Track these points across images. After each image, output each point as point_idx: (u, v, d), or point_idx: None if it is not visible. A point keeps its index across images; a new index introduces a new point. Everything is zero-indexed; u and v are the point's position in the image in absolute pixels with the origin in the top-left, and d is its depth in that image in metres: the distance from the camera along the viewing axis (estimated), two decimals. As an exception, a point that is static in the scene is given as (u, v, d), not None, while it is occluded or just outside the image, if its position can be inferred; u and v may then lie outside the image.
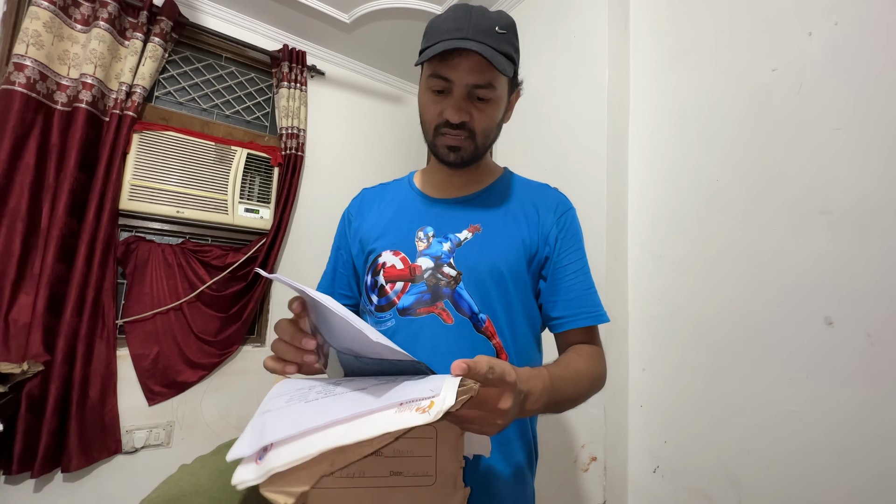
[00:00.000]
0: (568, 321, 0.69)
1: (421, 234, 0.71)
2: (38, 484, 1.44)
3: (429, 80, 0.65)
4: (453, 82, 0.63)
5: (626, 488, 1.22)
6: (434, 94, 0.66)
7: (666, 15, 1.30)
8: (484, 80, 0.63)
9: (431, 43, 0.62)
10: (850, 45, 0.91)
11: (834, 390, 0.86)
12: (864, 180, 0.86)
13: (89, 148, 1.53)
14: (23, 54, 1.39)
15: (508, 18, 0.65)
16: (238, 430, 1.86)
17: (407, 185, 0.81)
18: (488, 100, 0.65)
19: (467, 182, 0.76)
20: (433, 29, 0.65)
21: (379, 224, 0.76)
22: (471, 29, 0.61)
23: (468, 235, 0.69)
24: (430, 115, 0.68)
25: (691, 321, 1.13)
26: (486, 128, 0.67)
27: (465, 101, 0.65)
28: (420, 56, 0.64)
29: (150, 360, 1.65)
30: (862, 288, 0.84)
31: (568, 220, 0.73)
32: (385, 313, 0.69)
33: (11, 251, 1.37)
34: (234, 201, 1.85)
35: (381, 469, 0.42)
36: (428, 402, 0.37)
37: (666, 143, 1.25)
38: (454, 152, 0.68)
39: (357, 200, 0.86)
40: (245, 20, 1.99)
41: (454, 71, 0.62)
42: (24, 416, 1.35)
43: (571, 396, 0.60)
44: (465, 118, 0.65)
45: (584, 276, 0.71)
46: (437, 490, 0.43)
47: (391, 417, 0.36)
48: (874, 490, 0.80)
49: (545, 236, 0.70)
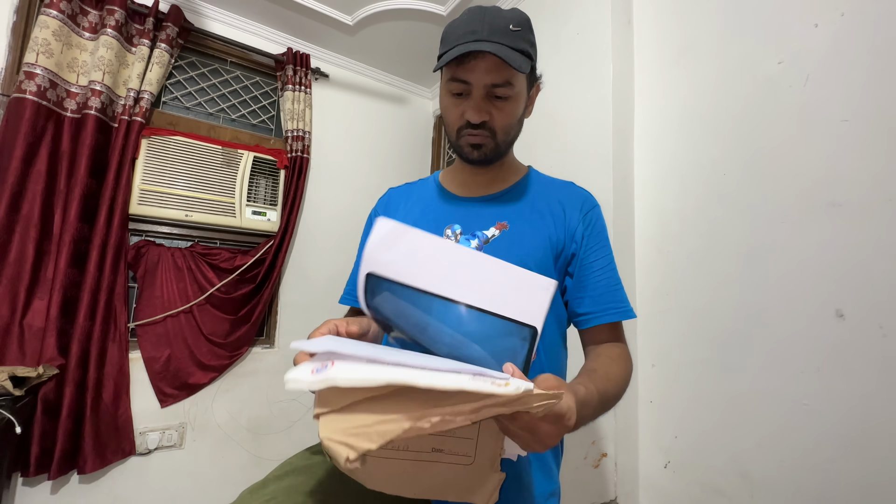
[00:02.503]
0: (595, 317, 0.69)
1: (448, 231, 0.72)
2: (55, 486, 1.47)
3: (448, 84, 0.67)
4: (472, 84, 0.65)
5: (638, 484, 1.22)
6: (454, 97, 0.68)
7: (669, 9, 1.30)
8: (501, 79, 0.64)
9: (448, 48, 0.64)
10: (857, 35, 0.90)
11: (846, 383, 0.86)
12: (873, 171, 0.86)
13: (99, 154, 1.55)
14: (33, 63, 1.41)
15: (522, 15, 0.66)
16: (249, 431, 1.88)
17: (433, 183, 0.83)
18: (507, 98, 0.66)
19: (493, 180, 0.77)
20: (449, 34, 0.66)
21: (406, 222, 0.77)
22: (485, 30, 0.62)
23: (495, 233, 0.70)
24: (452, 117, 0.69)
25: (700, 316, 1.13)
26: (506, 125, 0.68)
27: (484, 101, 0.66)
28: (438, 62, 0.65)
29: (161, 362, 1.67)
30: (873, 280, 0.84)
31: (594, 217, 0.73)
32: None
33: (25, 257, 1.39)
34: (241, 204, 1.87)
35: (424, 445, 0.43)
36: (504, 381, 0.36)
37: (672, 138, 1.25)
38: (477, 150, 0.69)
39: (384, 200, 0.87)
40: (249, 24, 2.00)
41: (472, 73, 0.64)
42: (40, 418, 1.37)
43: (609, 408, 0.60)
44: (486, 118, 0.66)
45: (611, 272, 0.71)
46: (474, 470, 0.44)
47: (468, 380, 0.35)
48: (887, 483, 0.79)
49: (571, 233, 0.71)
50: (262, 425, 1.92)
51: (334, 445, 0.35)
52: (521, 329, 0.44)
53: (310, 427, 2.03)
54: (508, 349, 0.44)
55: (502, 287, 0.46)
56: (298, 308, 2.07)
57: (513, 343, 0.44)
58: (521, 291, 0.46)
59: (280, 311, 2.04)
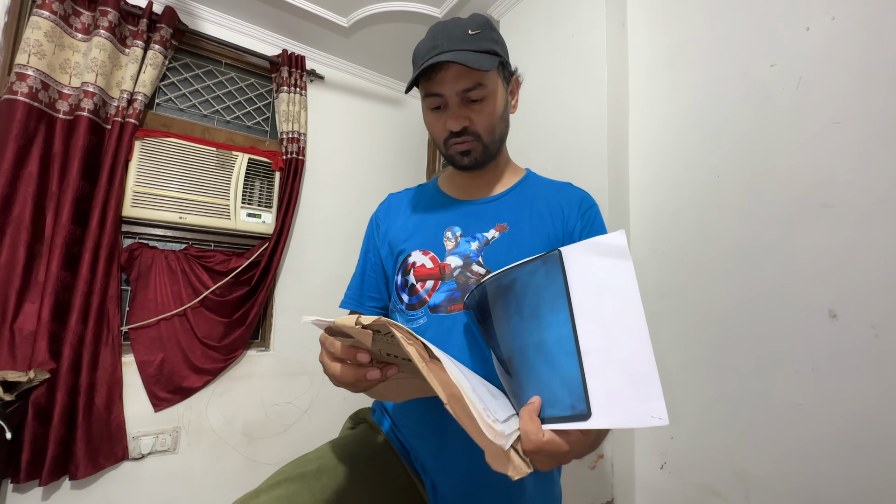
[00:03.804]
0: None
1: (449, 233, 0.73)
2: (46, 492, 1.45)
3: (425, 101, 0.69)
4: (445, 95, 0.66)
5: (634, 485, 1.22)
6: (433, 111, 0.70)
7: (663, 12, 1.31)
8: (471, 83, 0.65)
9: (416, 68, 0.66)
10: (848, 39, 0.91)
11: (839, 383, 0.86)
12: (864, 173, 0.87)
13: (92, 156, 1.54)
14: (25, 64, 1.40)
15: (480, 18, 0.68)
16: (244, 434, 1.87)
17: (432, 188, 0.84)
18: (482, 99, 0.67)
19: (491, 183, 0.78)
20: (416, 56, 0.68)
21: (407, 226, 0.78)
22: (444, 42, 0.64)
23: (495, 235, 0.71)
24: (436, 131, 0.71)
25: (694, 317, 1.13)
26: (488, 125, 0.69)
27: (460, 108, 0.67)
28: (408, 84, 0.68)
29: (155, 366, 1.65)
30: (865, 280, 0.85)
31: (592, 216, 0.75)
32: (416, 311, 0.71)
33: (16, 260, 1.37)
34: (236, 206, 1.86)
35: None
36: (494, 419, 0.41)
37: (666, 140, 1.26)
38: (466, 156, 0.71)
39: (384, 205, 0.88)
40: (244, 26, 2.00)
41: (441, 85, 0.66)
42: (31, 424, 1.35)
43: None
44: (466, 123, 0.68)
45: None
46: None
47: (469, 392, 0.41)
48: (881, 482, 0.80)
49: (570, 232, 0.72)
50: (257, 429, 1.91)
51: (346, 317, 0.46)
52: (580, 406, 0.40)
53: (305, 431, 2.02)
54: (554, 396, 0.43)
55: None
56: (294, 310, 2.06)
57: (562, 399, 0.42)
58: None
59: (275, 313, 2.03)
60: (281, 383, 1.99)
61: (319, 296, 2.11)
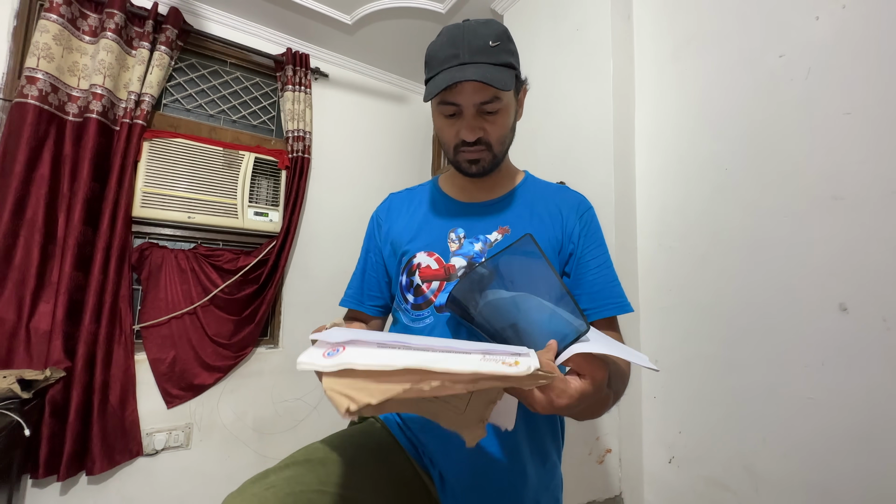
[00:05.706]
0: (592, 312, 0.70)
1: (453, 235, 0.74)
2: (64, 487, 1.48)
3: (440, 107, 0.69)
4: (462, 105, 0.67)
5: (642, 479, 1.22)
6: (447, 118, 0.70)
7: (669, 3, 1.29)
8: (489, 97, 0.66)
9: (433, 73, 0.66)
10: (859, 28, 0.90)
11: (850, 377, 0.86)
12: (875, 164, 0.85)
13: (101, 157, 1.56)
14: (34, 67, 1.42)
15: (499, 27, 0.67)
16: (255, 430, 1.89)
17: (434, 188, 0.85)
18: (497, 111, 0.68)
19: (492, 186, 0.79)
20: (432, 58, 0.67)
21: (410, 227, 0.79)
22: (466, 52, 0.63)
23: (498, 237, 0.73)
24: (447, 137, 0.72)
25: (703, 311, 1.12)
26: (500, 136, 0.70)
27: (475, 119, 0.68)
28: (426, 88, 0.67)
29: (167, 363, 1.68)
30: (876, 273, 0.84)
31: (589, 218, 0.77)
32: (423, 311, 0.72)
33: (30, 261, 1.40)
34: (243, 205, 1.87)
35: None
36: (513, 359, 0.39)
37: (673, 133, 1.25)
38: (475, 164, 0.72)
39: (385, 205, 0.89)
40: (248, 25, 2.00)
41: (460, 95, 0.66)
42: (48, 421, 1.39)
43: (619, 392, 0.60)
44: (480, 134, 0.68)
45: (608, 269, 0.73)
46: (463, 418, 0.49)
47: (477, 362, 0.38)
48: (892, 476, 0.79)
49: (569, 234, 0.74)
50: (268, 425, 1.93)
51: (337, 396, 0.37)
52: (579, 323, 0.49)
53: (314, 426, 2.05)
54: (560, 332, 0.50)
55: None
56: (302, 308, 2.08)
57: (566, 330, 0.50)
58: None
59: (284, 311, 2.05)
60: (290, 380, 2.01)
61: (327, 293, 2.12)
